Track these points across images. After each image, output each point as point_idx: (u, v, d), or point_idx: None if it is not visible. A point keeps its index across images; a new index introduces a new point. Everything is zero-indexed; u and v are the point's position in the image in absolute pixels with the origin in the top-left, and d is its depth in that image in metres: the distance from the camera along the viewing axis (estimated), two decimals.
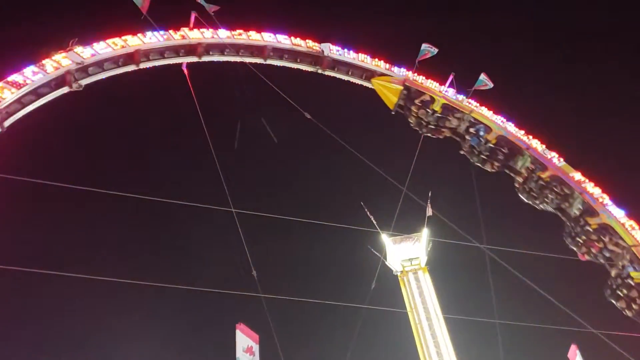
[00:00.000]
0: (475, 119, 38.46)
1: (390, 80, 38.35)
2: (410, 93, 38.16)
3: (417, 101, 38.02)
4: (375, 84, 38.38)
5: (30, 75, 27.00)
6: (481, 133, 38.15)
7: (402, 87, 38.12)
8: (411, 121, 38.76)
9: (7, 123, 26.10)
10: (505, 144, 38.23)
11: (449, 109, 38.31)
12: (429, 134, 38.61)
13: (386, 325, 47.23)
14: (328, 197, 66.93)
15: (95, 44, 29.69)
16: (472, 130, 38.36)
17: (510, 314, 40.18)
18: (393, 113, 38.81)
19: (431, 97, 38.26)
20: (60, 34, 30.06)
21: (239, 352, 26.48)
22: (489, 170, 38.58)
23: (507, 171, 38.69)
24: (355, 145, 36.94)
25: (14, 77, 26.55)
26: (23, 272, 26.87)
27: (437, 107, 38.01)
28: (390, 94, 38.30)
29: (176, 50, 32.78)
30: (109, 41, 30.19)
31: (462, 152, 39.03)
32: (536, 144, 38.74)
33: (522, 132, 38.96)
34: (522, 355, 47.17)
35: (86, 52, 29.15)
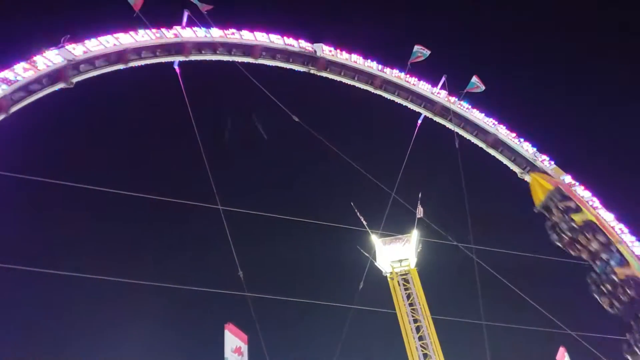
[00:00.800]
0: (618, 249, 35.07)
1: (545, 178, 37.56)
2: (560, 196, 36.52)
3: (560, 205, 36.25)
4: (533, 177, 37.88)
5: (21, 72, 26.78)
6: (612, 262, 34.80)
7: (553, 188, 36.94)
8: (547, 224, 37.31)
9: None
10: (634, 287, 33.94)
11: (592, 228, 35.49)
12: (559, 244, 36.54)
13: (374, 326, 47.32)
14: (318, 197, 67.04)
15: (87, 41, 29.49)
16: (604, 256, 35.25)
17: (501, 315, 40.36)
18: (536, 212, 37.59)
19: (577, 206, 36.11)
20: (52, 30, 29.90)
21: (228, 352, 26.32)
22: (605, 306, 35.30)
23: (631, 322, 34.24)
24: (347, 146, 37.05)
25: (5, 74, 26.32)
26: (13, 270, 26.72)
27: (578, 219, 35.79)
28: (539, 191, 37.27)
29: (168, 48, 32.67)
30: (101, 38, 30.00)
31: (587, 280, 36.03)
32: (527, 146, 38.91)
33: (514, 134, 39.12)
34: (511, 356, 47.42)
35: (78, 49, 28.96)
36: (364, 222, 47.49)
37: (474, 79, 39.24)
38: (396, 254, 47.27)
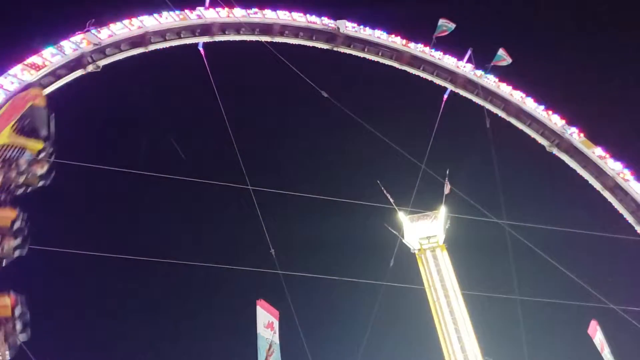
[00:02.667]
0: None
1: None
2: None
3: None
4: None
5: (49, 57, 27.14)
6: None
7: None
8: None
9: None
10: None
11: None
12: None
13: (405, 302, 47.38)
14: (346, 175, 66.95)
15: (112, 25, 29.76)
16: None
17: (531, 290, 40.06)
18: None
19: None
20: (78, 15, 30.19)
21: (260, 328, 26.69)
22: None
23: None
24: (374, 123, 36.82)
25: (33, 59, 26.68)
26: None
27: None
28: None
29: (192, 30, 32.80)
30: (126, 22, 30.24)
31: None
32: (555, 119, 38.27)
33: (542, 107, 38.49)
34: (542, 331, 47.20)
35: (103, 33, 29.22)
36: (391, 200, 47.42)
37: (501, 51, 38.62)
38: (424, 231, 47.19)
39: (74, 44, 28.07)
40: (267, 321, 27.12)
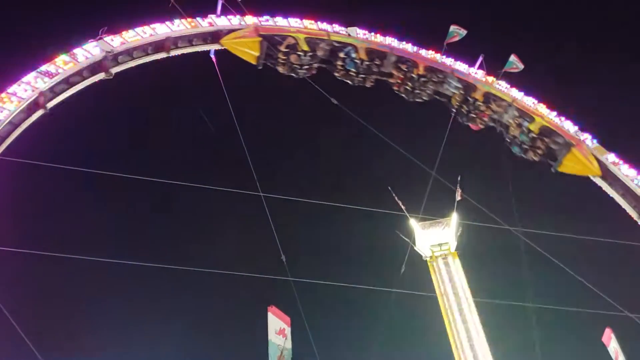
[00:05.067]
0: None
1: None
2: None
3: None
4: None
5: (62, 65, 27.44)
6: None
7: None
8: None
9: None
10: None
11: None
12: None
13: (416, 310, 47.17)
14: (356, 181, 66.76)
15: (124, 33, 30.00)
16: None
17: (544, 297, 39.79)
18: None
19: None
20: (91, 23, 30.49)
21: (271, 335, 26.70)
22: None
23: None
24: (384, 128, 36.83)
25: (47, 67, 27.04)
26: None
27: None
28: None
29: (204, 37, 32.95)
30: (138, 29, 30.47)
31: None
32: (568, 125, 38.05)
33: (555, 113, 38.30)
34: (556, 338, 46.80)
35: (115, 41, 29.46)
36: (402, 207, 47.25)
37: (512, 57, 38.55)
38: (436, 238, 46.96)
39: (87, 52, 28.33)
40: (278, 328, 27.13)
